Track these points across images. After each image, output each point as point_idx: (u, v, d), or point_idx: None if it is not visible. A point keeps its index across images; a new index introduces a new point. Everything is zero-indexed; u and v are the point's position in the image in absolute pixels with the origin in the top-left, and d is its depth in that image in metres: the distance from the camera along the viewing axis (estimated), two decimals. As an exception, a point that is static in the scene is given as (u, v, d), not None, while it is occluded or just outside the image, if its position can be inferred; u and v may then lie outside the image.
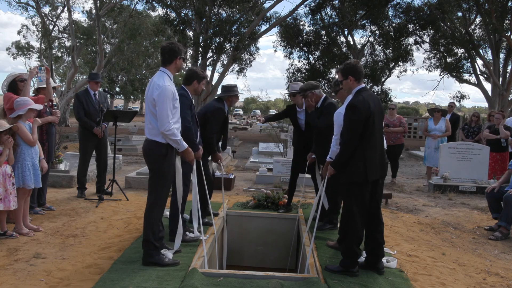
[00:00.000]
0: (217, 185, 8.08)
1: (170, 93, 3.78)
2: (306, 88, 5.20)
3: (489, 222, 6.35)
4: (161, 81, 3.81)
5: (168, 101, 3.75)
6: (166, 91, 3.75)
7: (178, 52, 3.93)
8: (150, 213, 3.86)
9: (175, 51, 3.91)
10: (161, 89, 3.75)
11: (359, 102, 3.70)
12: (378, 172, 3.84)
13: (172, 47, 3.93)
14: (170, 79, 3.91)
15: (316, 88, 5.20)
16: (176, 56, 3.92)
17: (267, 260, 5.99)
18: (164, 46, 3.96)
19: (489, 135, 9.06)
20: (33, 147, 4.97)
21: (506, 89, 21.72)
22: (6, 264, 3.95)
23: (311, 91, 5.16)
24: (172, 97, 3.80)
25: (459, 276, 4.21)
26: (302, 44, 25.35)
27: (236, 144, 19.27)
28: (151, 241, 3.82)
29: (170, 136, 3.78)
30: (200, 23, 23.35)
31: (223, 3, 22.91)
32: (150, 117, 3.84)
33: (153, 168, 3.90)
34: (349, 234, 3.84)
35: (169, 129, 3.74)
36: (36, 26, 32.30)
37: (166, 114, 3.73)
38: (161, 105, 3.73)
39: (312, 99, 5.18)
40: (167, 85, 3.79)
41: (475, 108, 78.63)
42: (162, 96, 3.74)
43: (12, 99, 5.07)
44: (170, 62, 3.93)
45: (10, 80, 5.36)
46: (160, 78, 3.86)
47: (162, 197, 3.90)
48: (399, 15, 23.85)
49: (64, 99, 25.74)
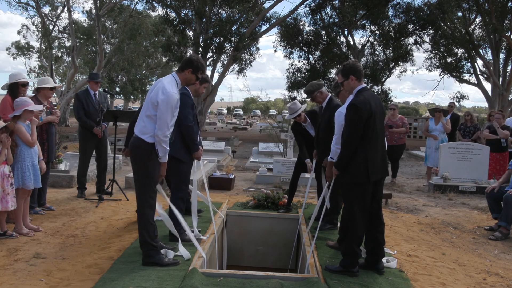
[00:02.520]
0: (218, 185, 8.12)
1: (174, 102, 3.78)
2: (313, 89, 5.21)
3: (489, 222, 6.35)
4: (170, 87, 3.79)
5: (171, 109, 3.75)
6: (172, 99, 3.74)
7: (194, 66, 3.94)
8: (142, 214, 3.85)
9: (191, 63, 3.95)
10: (167, 95, 3.73)
11: (360, 102, 3.69)
12: (380, 172, 3.84)
13: (192, 59, 3.99)
14: (177, 86, 3.92)
15: (322, 87, 5.25)
16: (188, 67, 3.94)
17: (267, 260, 6.00)
18: (188, 56, 4.05)
19: (489, 135, 9.06)
20: (32, 147, 4.96)
21: (506, 89, 21.73)
22: (6, 264, 3.95)
23: (318, 91, 5.20)
24: (175, 105, 3.80)
25: (459, 276, 4.21)
26: (302, 44, 25.36)
27: (236, 144, 19.27)
28: (148, 242, 3.81)
29: (163, 143, 3.76)
30: (200, 23, 23.35)
31: (223, 3, 22.90)
32: (144, 116, 3.82)
33: (138, 166, 3.87)
34: (350, 234, 3.83)
35: (166, 135, 3.74)
36: (36, 26, 32.35)
37: (167, 121, 3.73)
38: (164, 111, 3.72)
39: (321, 98, 5.23)
40: (174, 92, 3.79)
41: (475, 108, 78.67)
42: (167, 102, 3.72)
43: (7, 104, 5.11)
44: (182, 71, 3.96)
45: (12, 81, 5.35)
46: (170, 83, 3.85)
47: (151, 196, 3.87)
48: (399, 15, 23.86)
49: (64, 99, 25.75)
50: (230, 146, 15.75)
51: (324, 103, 5.21)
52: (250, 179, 9.51)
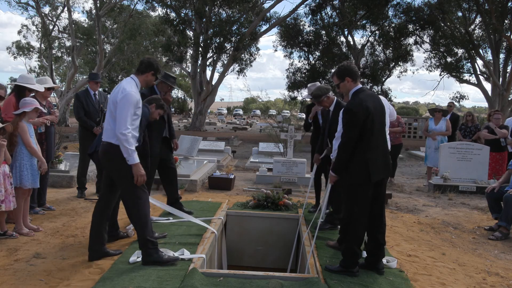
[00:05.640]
0: (218, 185, 8.11)
1: (134, 100, 3.80)
2: (322, 93, 5.21)
3: (489, 222, 6.35)
4: (128, 87, 3.84)
5: (130, 106, 3.76)
6: (131, 96, 3.78)
7: (155, 68, 4.05)
8: (136, 214, 3.84)
9: (152, 66, 4.03)
10: (126, 94, 3.77)
11: (355, 106, 3.68)
12: (382, 172, 3.82)
13: (151, 61, 4.07)
14: (137, 87, 3.96)
15: (329, 91, 5.25)
16: (150, 70, 4.02)
17: (267, 260, 6.00)
18: (145, 58, 4.11)
19: (487, 135, 9.07)
20: (31, 151, 4.93)
21: (506, 89, 21.74)
22: (6, 264, 3.95)
23: (325, 95, 5.20)
24: (135, 104, 3.81)
25: (459, 276, 4.21)
26: (302, 44, 25.38)
27: (236, 144, 19.27)
28: (148, 239, 3.82)
29: (123, 142, 3.71)
30: (200, 23, 23.33)
31: (223, 3, 22.91)
32: (110, 119, 3.83)
33: (114, 171, 3.86)
34: (350, 235, 3.83)
35: (125, 133, 3.70)
36: (36, 26, 32.31)
37: (125, 118, 3.72)
38: (122, 108, 3.74)
39: (327, 103, 5.24)
40: (134, 91, 3.83)
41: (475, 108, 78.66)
42: (125, 100, 3.75)
43: (10, 104, 5.11)
44: (143, 73, 4.03)
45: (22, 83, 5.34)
46: (129, 84, 3.90)
47: (138, 196, 3.85)
48: (399, 15, 23.89)
49: (64, 99, 25.73)
50: (230, 146, 15.75)
51: (331, 107, 5.22)
52: (250, 179, 9.51)
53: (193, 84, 24.89)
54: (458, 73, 23.99)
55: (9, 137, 4.68)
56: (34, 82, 5.58)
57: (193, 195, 7.30)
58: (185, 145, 10.80)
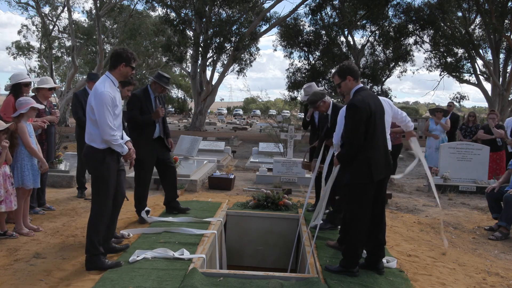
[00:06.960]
0: (218, 185, 8.11)
1: (108, 100, 3.68)
2: (317, 99, 5.22)
3: (489, 222, 6.35)
4: (101, 87, 3.72)
5: (107, 108, 3.66)
6: (105, 97, 3.66)
7: (124, 58, 3.84)
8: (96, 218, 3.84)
9: (121, 57, 3.84)
10: (99, 95, 3.67)
11: (359, 102, 3.69)
12: (383, 172, 3.82)
13: (119, 52, 3.87)
14: (113, 84, 3.83)
15: (324, 96, 5.26)
16: (120, 62, 3.83)
17: (267, 260, 6.00)
18: (113, 51, 3.95)
19: (484, 135, 9.09)
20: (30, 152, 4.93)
21: (506, 89, 21.74)
22: (6, 264, 3.95)
23: (321, 100, 5.20)
24: (111, 104, 3.70)
25: (459, 276, 4.20)
26: (302, 44, 25.39)
27: (236, 144, 19.26)
28: (95, 247, 3.79)
29: (114, 146, 3.76)
30: (200, 23, 23.32)
31: (223, 3, 22.91)
32: (89, 122, 3.78)
33: (93, 174, 3.86)
34: (351, 234, 3.83)
35: (111, 135, 3.70)
36: (36, 26, 32.29)
37: (106, 122, 3.67)
38: (100, 113, 3.66)
39: (324, 107, 5.25)
40: (107, 91, 3.69)
41: (475, 108, 78.65)
42: (100, 103, 3.65)
43: (10, 105, 5.10)
44: (115, 67, 3.86)
45: (14, 81, 5.35)
46: (102, 83, 3.78)
47: (106, 204, 3.85)
48: (399, 15, 23.90)
49: (64, 99, 25.72)
50: (230, 146, 15.75)
51: (329, 110, 5.23)
52: (250, 179, 9.51)
53: (193, 84, 24.89)
54: (458, 73, 23.99)
55: (10, 138, 4.68)
56: (26, 75, 5.57)
57: (193, 195, 7.30)
58: (185, 145, 10.78)
